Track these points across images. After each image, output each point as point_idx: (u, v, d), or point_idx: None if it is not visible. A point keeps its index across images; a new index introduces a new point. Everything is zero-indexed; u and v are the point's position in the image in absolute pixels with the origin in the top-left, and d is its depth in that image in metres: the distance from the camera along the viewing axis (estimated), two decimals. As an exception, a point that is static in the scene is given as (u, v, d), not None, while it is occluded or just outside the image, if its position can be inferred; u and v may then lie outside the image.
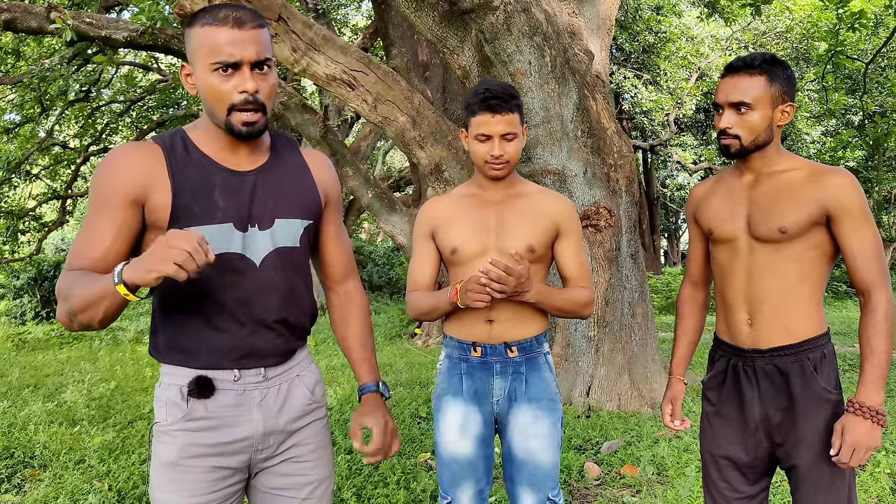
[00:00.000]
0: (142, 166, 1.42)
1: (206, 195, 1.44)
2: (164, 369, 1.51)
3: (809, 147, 16.13)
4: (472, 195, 2.08)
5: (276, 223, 1.51)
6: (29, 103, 10.16)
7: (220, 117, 1.43)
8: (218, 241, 1.43)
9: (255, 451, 1.52)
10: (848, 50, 8.86)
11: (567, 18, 5.85)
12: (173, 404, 1.48)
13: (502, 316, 2.00)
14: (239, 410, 1.49)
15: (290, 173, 1.57)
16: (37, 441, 4.25)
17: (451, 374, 2.08)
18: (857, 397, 1.68)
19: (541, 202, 2.03)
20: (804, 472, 1.77)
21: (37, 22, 7.24)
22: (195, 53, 1.42)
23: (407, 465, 3.72)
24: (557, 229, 2.02)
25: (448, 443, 2.05)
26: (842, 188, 1.70)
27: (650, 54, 15.21)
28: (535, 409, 2.01)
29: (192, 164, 1.45)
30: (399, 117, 5.56)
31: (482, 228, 2.01)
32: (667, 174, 22.96)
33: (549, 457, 2.01)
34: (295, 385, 1.58)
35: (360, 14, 16.84)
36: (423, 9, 4.93)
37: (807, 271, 1.76)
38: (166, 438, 1.48)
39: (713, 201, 1.92)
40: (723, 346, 1.92)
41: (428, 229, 2.09)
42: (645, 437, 4.14)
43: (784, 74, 1.77)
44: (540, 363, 2.06)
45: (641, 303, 5.23)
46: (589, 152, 4.96)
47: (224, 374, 1.48)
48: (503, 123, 1.92)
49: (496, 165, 1.95)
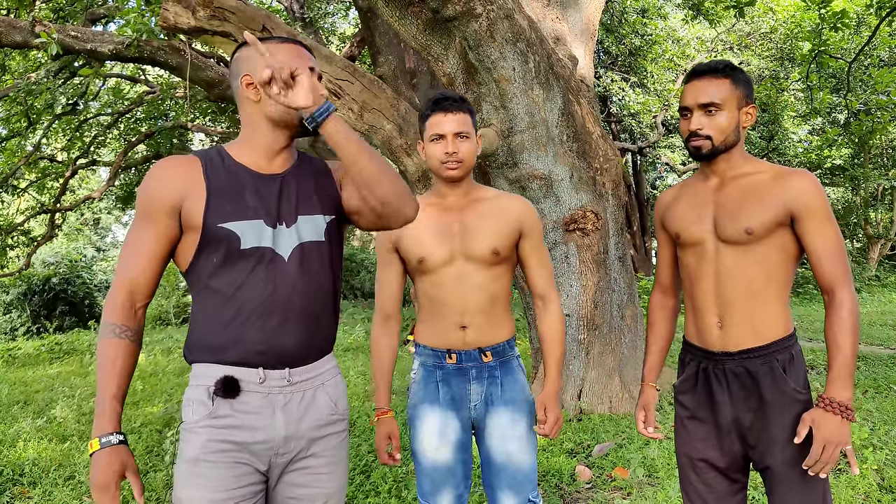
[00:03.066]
0: (180, 175, 1.53)
1: (238, 196, 1.55)
2: (193, 371, 1.57)
3: (797, 146, 16.22)
4: (433, 204, 2.12)
5: (299, 220, 1.59)
6: (15, 117, 10.12)
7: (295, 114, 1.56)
8: (250, 236, 1.52)
9: (276, 454, 1.56)
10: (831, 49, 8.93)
11: (551, 24, 5.88)
12: (199, 403, 1.53)
13: (475, 321, 2.03)
14: (263, 413, 1.54)
15: (314, 174, 1.67)
16: (26, 458, 4.22)
17: (427, 382, 2.11)
18: (827, 393, 1.70)
19: (502, 205, 2.07)
20: (778, 473, 1.78)
21: (21, 36, 7.21)
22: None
23: (399, 472, 3.72)
24: (520, 230, 2.06)
25: (428, 450, 2.07)
26: (805, 189, 1.74)
27: (636, 57, 15.28)
28: (511, 411, 2.04)
29: (225, 170, 1.57)
30: (385, 125, 5.58)
31: (447, 235, 2.05)
32: (656, 176, 23.04)
33: (526, 458, 2.04)
34: (319, 393, 1.62)
35: (348, 23, 16.87)
36: (407, 17, 4.94)
37: (773, 272, 1.79)
38: (190, 436, 1.53)
39: (679, 206, 1.96)
40: (692, 349, 1.94)
41: (390, 242, 2.13)
42: (636, 440, 4.16)
43: (744, 79, 1.84)
44: (513, 366, 2.10)
45: (630, 305, 5.25)
46: (575, 156, 4.98)
47: (250, 374, 1.53)
48: (455, 122, 2.00)
49: (451, 164, 2.00)
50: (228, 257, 1.52)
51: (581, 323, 4.96)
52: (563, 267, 4.95)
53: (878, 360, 6.79)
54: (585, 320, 4.96)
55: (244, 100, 1.59)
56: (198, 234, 1.52)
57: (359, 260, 18.37)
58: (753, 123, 1.88)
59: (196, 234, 1.52)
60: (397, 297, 2.18)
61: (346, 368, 7.48)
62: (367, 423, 4.77)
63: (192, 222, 1.52)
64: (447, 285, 2.04)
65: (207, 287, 1.54)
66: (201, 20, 4.94)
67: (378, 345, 2.17)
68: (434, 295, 2.06)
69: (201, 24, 4.96)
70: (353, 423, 4.89)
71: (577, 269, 4.95)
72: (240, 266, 1.52)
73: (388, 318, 2.18)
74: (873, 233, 17.40)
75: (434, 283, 2.04)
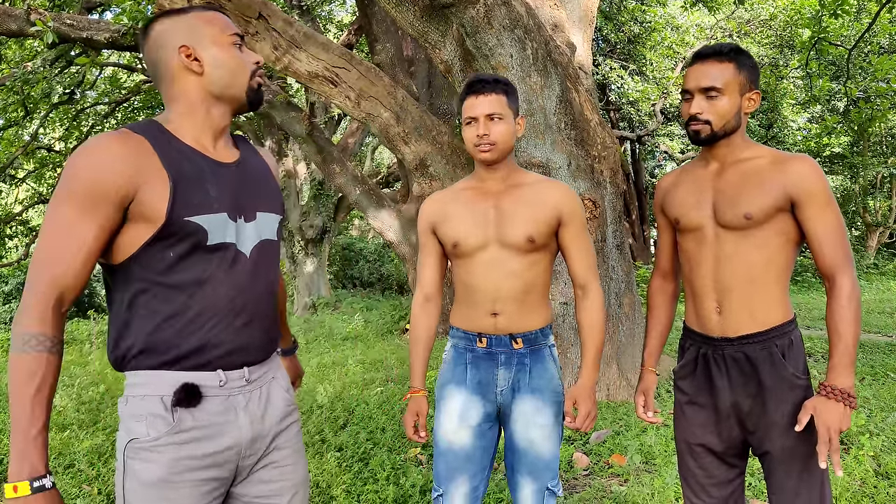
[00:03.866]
0: (133, 160, 1.34)
1: (200, 184, 1.41)
2: (138, 378, 1.39)
3: (796, 134, 16.20)
4: (471, 188, 2.09)
5: (258, 216, 1.52)
6: (12, 106, 10.07)
7: (242, 84, 1.50)
8: (217, 230, 1.41)
9: (242, 457, 1.48)
10: (831, 36, 8.90)
11: (549, 11, 5.85)
12: (155, 417, 1.37)
13: (507, 308, 2.00)
14: (226, 417, 1.43)
15: (260, 169, 1.60)
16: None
17: (456, 363, 2.09)
18: (828, 380, 1.69)
19: (541, 191, 2.02)
20: (777, 458, 1.78)
21: (17, 24, 7.18)
22: (205, 33, 1.48)
23: (397, 460, 3.73)
24: (559, 218, 2.01)
25: (447, 431, 2.05)
26: (805, 174, 1.72)
27: (635, 44, 15.23)
28: (537, 399, 2.01)
29: (181, 153, 1.42)
30: (382, 113, 5.56)
31: (482, 221, 2.02)
32: (655, 164, 23.01)
33: (549, 447, 2.02)
34: (273, 387, 1.56)
35: (345, 10, 16.79)
36: (404, 4, 4.92)
37: (773, 257, 1.78)
38: (149, 455, 1.36)
39: (679, 191, 1.94)
40: (692, 335, 1.94)
41: (428, 225, 2.12)
42: (633, 427, 4.17)
43: (749, 63, 1.81)
44: (544, 355, 2.06)
45: (628, 293, 5.26)
46: (572, 144, 4.97)
47: (210, 378, 1.42)
48: (486, 104, 1.96)
49: (483, 147, 1.97)
50: (192, 253, 1.38)
51: (579, 311, 4.96)
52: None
53: (875, 348, 6.81)
54: (583, 308, 4.96)
55: (182, 73, 1.46)
56: (155, 227, 1.35)
57: (357, 249, 18.38)
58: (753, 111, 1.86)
59: (152, 227, 1.35)
60: (437, 278, 2.16)
61: (345, 357, 7.50)
62: (364, 412, 4.78)
63: (149, 214, 1.34)
64: (480, 271, 2.01)
65: (159, 284, 1.37)
66: (196, 6, 4.91)
67: (416, 325, 2.17)
68: (467, 280, 2.04)
69: (197, 12, 4.93)
70: (351, 411, 4.90)
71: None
72: (202, 262, 1.39)
73: (428, 299, 2.17)
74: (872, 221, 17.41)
75: (468, 268, 2.02)
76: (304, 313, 13.15)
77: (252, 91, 1.52)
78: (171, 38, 1.47)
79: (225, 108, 1.51)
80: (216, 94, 1.48)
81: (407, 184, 9.22)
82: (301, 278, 13.74)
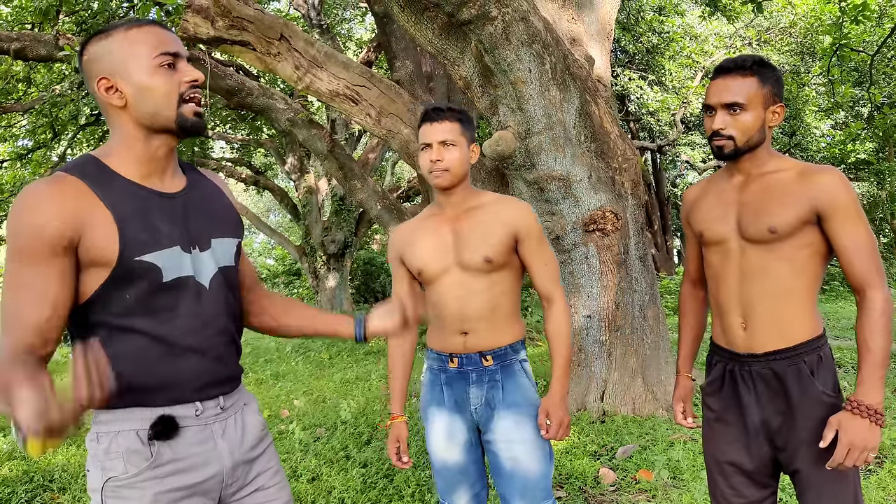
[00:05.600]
0: (69, 203, 1.27)
1: (146, 220, 1.34)
2: (109, 416, 1.34)
3: (819, 141, 16.02)
4: (433, 215, 2.16)
5: (213, 243, 1.46)
6: (41, 129, 10.30)
7: (169, 114, 1.36)
8: (171, 267, 1.35)
9: (225, 486, 1.45)
10: (852, 42, 8.81)
11: (567, 25, 5.87)
12: (133, 453, 1.32)
13: (476, 327, 2.05)
14: (205, 447, 1.40)
15: (210, 194, 1.54)
16: (55, 464, 4.30)
17: (433, 385, 2.16)
18: (856, 396, 1.66)
19: (495, 211, 2.07)
20: (807, 477, 1.75)
21: (46, 50, 7.35)
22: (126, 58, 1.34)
23: (421, 476, 3.73)
24: (515, 235, 2.05)
25: (438, 451, 2.13)
26: (831, 186, 1.68)
27: (654, 55, 15.19)
28: (514, 413, 2.04)
29: (121, 190, 1.34)
30: (402, 129, 5.60)
31: (441, 246, 2.08)
32: (676, 174, 22.85)
33: (536, 465, 2.02)
34: (246, 412, 1.53)
35: (364, 28, 16.95)
36: (423, 21, 4.96)
37: (799, 271, 1.74)
38: (130, 493, 1.32)
39: (704, 203, 1.92)
40: (719, 350, 1.91)
41: (396, 255, 2.20)
42: (660, 441, 4.13)
43: (773, 76, 1.77)
44: (515, 370, 2.09)
45: (652, 305, 5.22)
46: (593, 157, 4.97)
47: (186, 409, 1.38)
48: (439, 131, 2.02)
49: (436, 173, 2.02)
50: (148, 293, 1.32)
51: (602, 324, 4.94)
52: (582, 268, 4.94)
53: (906, 358, 6.68)
54: (607, 321, 4.94)
55: (107, 106, 1.37)
56: (107, 270, 1.29)
57: (378, 263, 18.45)
58: None
59: (105, 270, 1.29)
60: None
61: (368, 372, 7.52)
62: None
63: (99, 257, 1.29)
64: (446, 294, 2.07)
65: (121, 326, 1.32)
66: (220, 30, 5.00)
67: (393, 353, 2.24)
68: (436, 303, 2.10)
69: (220, 34, 5.01)
70: (374, 426, 4.91)
71: (597, 270, 4.93)
72: (162, 301, 1.34)
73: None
74: (900, 228, 17.09)
75: (435, 291, 2.09)
76: (326, 328, 13.17)
77: (182, 118, 1.37)
78: (93, 68, 1.36)
79: (161, 138, 1.40)
80: (146, 126, 1.37)
81: (428, 199, 9.26)
82: (323, 293, 13.81)
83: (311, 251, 13.88)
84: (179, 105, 1.37)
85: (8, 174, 11.82)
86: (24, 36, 7.38)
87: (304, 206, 13.99)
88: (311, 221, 13.83)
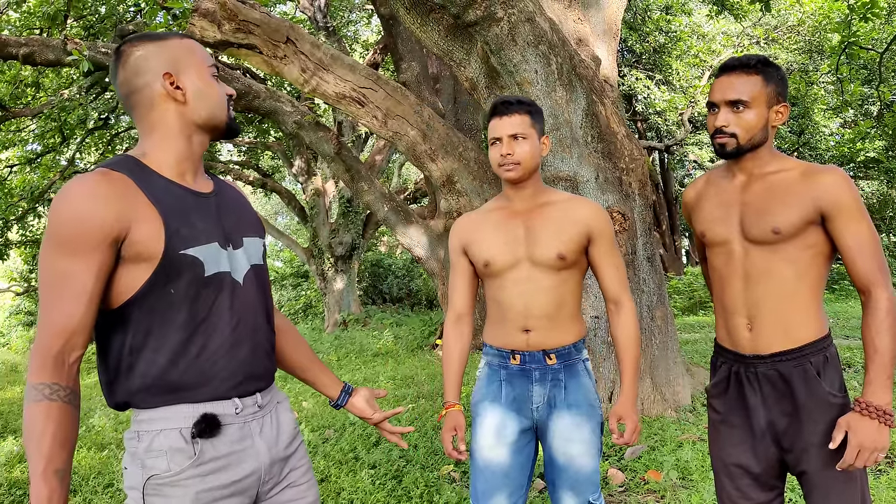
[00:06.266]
0: (118, 198, 1.31)
1: (188, 217, 1.40)
2: (152, 415, 1.37)
3: (828, 140, 15.93)
4: (500, 208, 2.13)
5: (245, 241, 1.52)
6: (50, 133, 10.37)
7: (222, 117, 1.51)
8: (212, 261, 1.41)
9: (262, 483, 1.48)
10: (861, 40, 8.76)
11: (573, 25, 5.86)
12: (176, 451, 1.35)
13: (539, 325, 2.02)
14: (244, 444, 1.44)
15: (235, 196, 1.61)
16: (66, 466, 4.31)
17: (491, 381, 2.11)
18: (864, 397, 1.65)
19: (569, 209, 2.05)
20: (814, 478, 1.74)
21: (54, 54, 7.41)
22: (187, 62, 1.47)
23: (430, 478, 3.73)
24: (589, 235, 2.03)
25: (484, 447, 2.06)
26: (835, 185, 1.68)
27: (661, 54, 15.15)
28: (574, 415, 2.02)
29: (162, 187, 1.40)
30: (409, 131, 5.61)
31: (512, 239, 2.05)
32: (684, 173, 22.77)
33: (588, 461, 2.02)
34: (280, 410, 1.58)
35: (370, 30, 16.98)
36: (429, 23, 4.97)
37: (804, 272, 1.74)
38: (173, 491, 1.34)
39: (705, 204, 1.92)
40: (724, 352, 1.91)
41: (460, 245, 2.16)
42: (669, 442, 4.12)
43: (778, 75, 1.77)
44: (579, 370, 2.07)
45: (660, 306, 5.21)
46: (600, 157, 4.96)
47: (226, 406, 1.42)
48: (509, 125, 2.01)
49: (507, 166, 2.01)
50: (191, 286, 1.36)
51: (610, 324, 4.92)
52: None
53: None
54: (615, 322, 4.91)
55: (163, 100, 1.43)
56: (153, 265, 1.33)
57: (386, 265, 18.47)
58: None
59: (150, 265, 1.33)
60: (468, 297, 2.19)
61: (376, 374, 7.52)
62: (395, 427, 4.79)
63: (144, 252, 1.32)
64: (512, 289, 2.03)
65: (163, 323, 1.35)
66: (227, 33, 5.02)
67: (449, 345, 2.20)
68: (499, 298, 2.06)
69: (227, 38, 5.03)
70: (383, 428, 4.91)
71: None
72: (203, 295, 1.38)
73: (460, 318, 2.20)
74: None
75: (499, 286, 2.05)
76: (334, 330, 13.23)
77: (231, 121, 1.53)
78: (152, 65, 1.43)
79: (205, 136, 1.51)
80: (199, 124, 1.47)
81: (434, 200, 9.26)
82: (331, 295, 13.84)
83: (318, 253, 13.91)
84: (228, 109, 1.52)
85: (17, 178, 11.90)
86: (33, 41, 7.43)
87: (311, 208, 14.03)
88: (318, 224, 13.86)
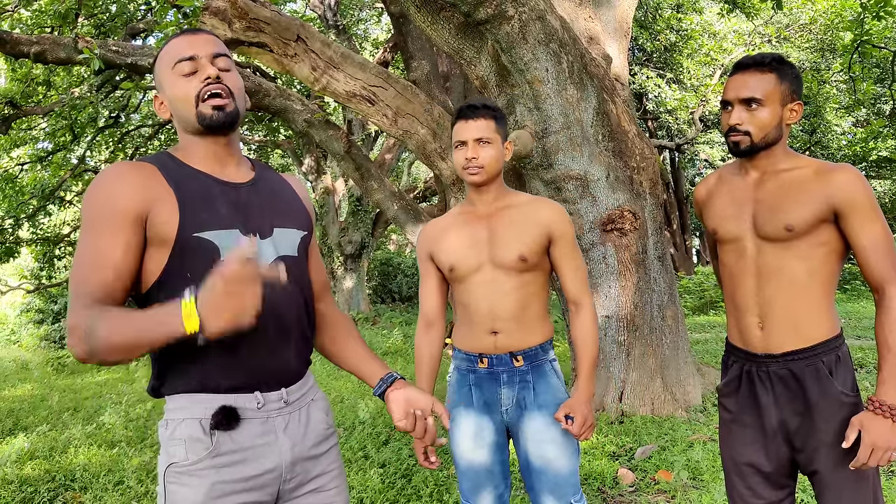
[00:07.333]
0: (142, 181, 1.38)
1: (210, 203, 1.42)
2: (177, 403, 1.40)
3: (840, 139, 15.82)
4: (465, 212, 2.16)
5: (275, 232, 1.50)
6: (61, 131, 10.42)
7: (191, 115, 1.44)
8: (229, 247, 1.39)
9: (284, 481, 1.45)
10: (874, 38, 8.68)
11: (584, 23, 5.84)
12: (195, 441, 1.36)
13: (506, 327, 2.04)
14: (266, 440, 1.42)
15: (279, 188, 1.59)
16: (77, 464, 4.34)
17: (461, 385, 2.15)
18: (877, 395, 1.64)
19: (531, 211, 2.08)
20: (826, 478, 1.73)
21: (65, 53, 7.43)
22: (161, 74, 1.49)
23: (440, 476, 3.72)
24: (549, 236, 2.06)
25: (464, 451, 2.11)
26: (848, 183, 1.68)
27: (672, 53, 15.09)
28: (545, 415, 2.04)
29: (188, 176, 1.44)
30: (419, 130, 5.60)
31: (475, 243, 2.08)
32: (695, 172, 22.67)
33: (565, 462, 2.03)
34: (313, 410, 1.54)
35: (380, 28, 16.98)
36: (439, 21, 4.96)
37: (816, 270, 1.73)
38: (190, 479, 1.36)
39: (717, 201, 1.91)
40: (735, 351, 1.90)
41: (426, 251, 2.19)
42: (679, 442, 4.09)
43: (792, 74, 1.77)
44: (546, 370, 2.09)
45: (671, 305, 5.18)
46: (610, 156, 4.93)
47: (247, 400, 1.40)
48: (475, 128, 2.02)
49: (471, 169, 2.03)
50: (207, 271, 1.29)
51: (621, 324, 4.90)
52: (601, 268, 4.90)
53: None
54: (625, 321, 4.90)
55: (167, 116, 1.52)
56: (168, 248, 1.36)
57: (395, 264, 18.48)
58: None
59: (166, 248, 1.36)
60: (438, 304, 2.22)
61: (385, 372, 7.52)
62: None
63: (162, 234, 1.36)
64: (477, 292, 2.06)
65: None
66: (238, 32, 5.02)
67: (420, 351, 2.22)
68: (466, 301, 2.10)
69: (238, 36, 5.04)
70: (393, 427, 4.91)
71: (615, 270, 4.89)
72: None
73: (430, 324, 2.22)
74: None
75: (465, 290, 2.08)
76: (343, 328, 13.24)
77: (201, 117, 1.43)
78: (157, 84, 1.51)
79: (206, 137, 1.48)
80: (187, 131, 1.49)
81: (444, 198, 9.24)
82: (340, 293, 13.86)
83: (328, 252, 13.94)
84: (196, 105, 1.43)
85: (28, 176, 11.97)
86: (44, 39, 7.46)
87: (321, 206, 14.06)
88: (328, 222, 13.89)
